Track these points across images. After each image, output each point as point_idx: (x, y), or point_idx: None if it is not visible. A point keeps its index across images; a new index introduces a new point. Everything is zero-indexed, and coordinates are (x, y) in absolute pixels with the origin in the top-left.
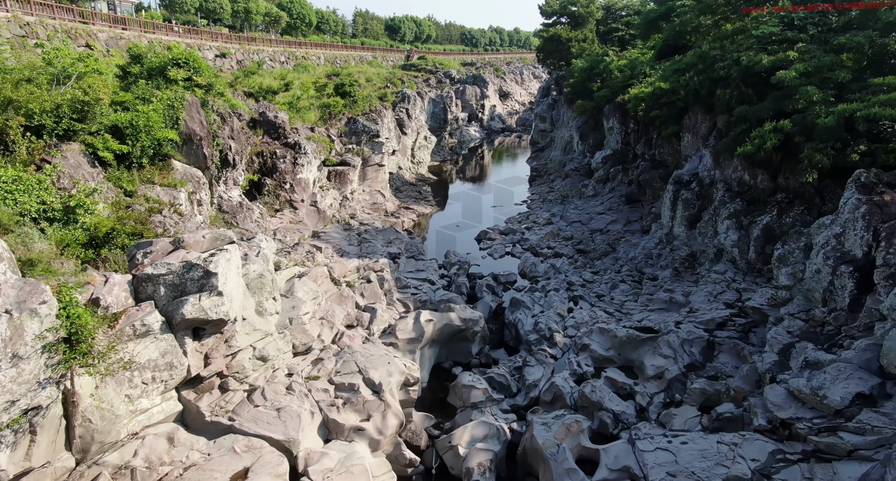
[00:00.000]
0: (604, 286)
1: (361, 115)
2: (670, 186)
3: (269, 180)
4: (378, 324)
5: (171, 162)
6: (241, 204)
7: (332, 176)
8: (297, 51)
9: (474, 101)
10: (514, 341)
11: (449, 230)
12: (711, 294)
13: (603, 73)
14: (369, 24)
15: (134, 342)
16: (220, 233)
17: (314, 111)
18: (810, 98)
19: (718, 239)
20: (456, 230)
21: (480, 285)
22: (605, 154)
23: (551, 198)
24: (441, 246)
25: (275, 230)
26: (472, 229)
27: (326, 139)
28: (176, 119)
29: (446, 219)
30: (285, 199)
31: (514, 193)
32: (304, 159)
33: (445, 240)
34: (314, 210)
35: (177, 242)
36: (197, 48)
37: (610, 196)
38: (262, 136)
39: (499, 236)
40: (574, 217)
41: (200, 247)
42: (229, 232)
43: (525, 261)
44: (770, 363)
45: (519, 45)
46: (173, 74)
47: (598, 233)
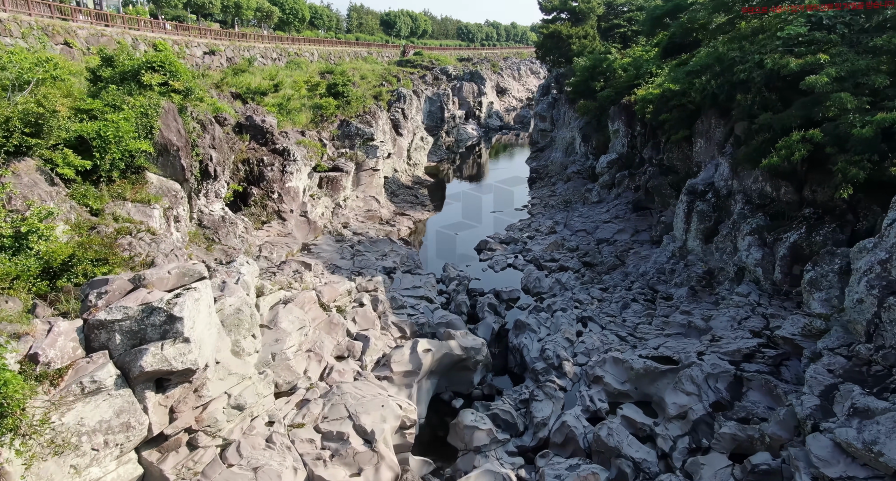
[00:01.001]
0: (614, 305)
1: (355, 117)
2: (684, 197)
3: (255, 190)
4: (371, 354)
5: (146, 175)
6: (224, 218)
7: (323, 182)
8: (290, 47)
9: (471, 99)
10: (519, 368)
11: (448, 230)
12: (734, 319)
13: (606, 71)
14: (364, 18)
15: (82, 402)
16: (188, 268)
17: (305, 112)
18: (843, 105)
19: (739, 256)
20: (456, 229)
21: (482, 304)
22: (611, 158)
23: (553, 204)
24: (441, 247)
25: (260, 245)
26: (471, 229)
27: (318, 143)
28: (150, 128)
29: (444, 221)
30: (273, 210)
31: (513, 193)
32: (294, 166)
33: (445, 240)
34: (304, 220)
35: (137, 280)
36: (185, 45)
37: (616, 203)
38: (248, 142)
39: (500, 246)
40: (579, 225)
41: (165, 284)
42: (199, 266)
43: (528, 276)
44: (811, 407)
45: (516, 40)
46: (147, 79)
47: (605, 243)
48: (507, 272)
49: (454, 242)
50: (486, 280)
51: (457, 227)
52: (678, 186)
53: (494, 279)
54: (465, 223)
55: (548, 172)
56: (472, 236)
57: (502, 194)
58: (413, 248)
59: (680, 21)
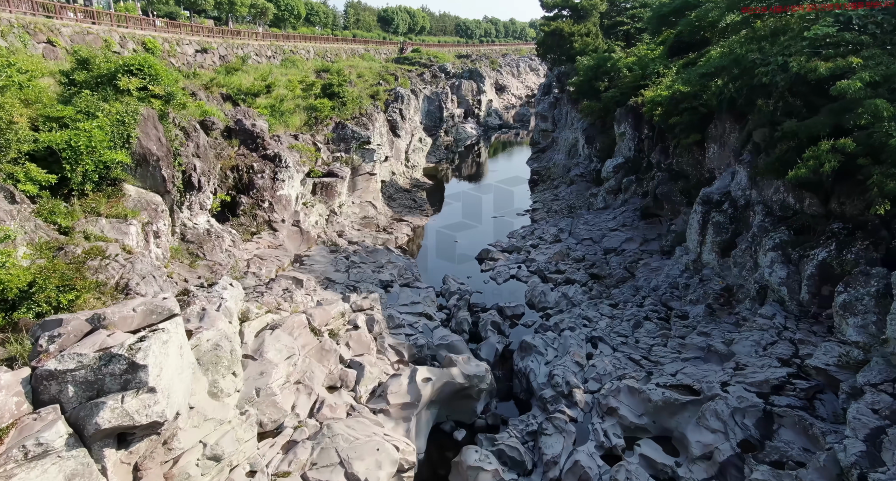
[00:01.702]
0: (625, 324)
1: (351, 120)
2: (698, 207)
3: (244, 198)
4: (366, 384)
5: (123, 187)
6: (209, 231)
7: (317, 188)
8: (285, 44)
9: (471, 97)
10: (526, 394)
11: (447, 230)
12: (759, 344)
13: (610, 71)
14: (361, 15)
15: (25, 469)
16: (156, 304)
17: (300, 114)
18: (878, 113)
19: (761, 273)
20: (455, 230)
21: (484, 322)
22: (617, 162)
23: (557, 209)
24: (441, 248)
25: (249, 260)
26: (471, 229)
27: (311, 148)
28: (127, 137)
29: (443, 224)
30: (263, 220)
31: (513, 194)
32: (286, 173)
33: (444, 239)
34: (296, 230)
35: (96, 320)
36: (175, 43)
37: (623, 209)
38: (237, 148)
39: (502, 255)
40: (584, 233)
41: (129, 324)
42: (170, 302)
43: (533, 289)
44: (856, 454)
45: (515, 36)
46: (123, 84)
47: (613, 253)
48: (511, 284)
49: (453, 247)
50: (489, 293)
51: (457, 228)
52: (689, 193)
53: (497, 292)
54: (465, 222)
55: (550, 175)
56: (472, 237)
57: (502, 195)
58: (411, 259)
59: (688, 19)
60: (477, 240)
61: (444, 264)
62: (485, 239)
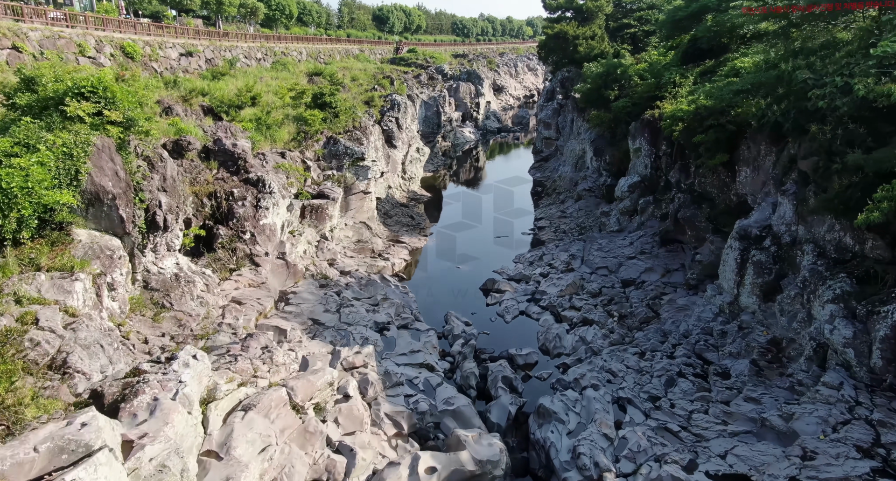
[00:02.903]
0: (656, 381)
1: (343, 133)
2: (735, 242)
3: (223, 229)
4: (358, 474)
5: (72, 231)
6: (178, 276)
7: (306, 211)
8: (276, 46)
9: (469, 100)
10: (545, 471)
11: (450, 230)
12: (826, 422)
13: (620, 78)
14: (356, 13)
15: None
16: (67, 439)
17: (288, 126)
18: None
19: (818, 328)
20: (457, 230)
21: (494, 376)
22: (632, 181)
23: (566, 228)
24: (440, 247)
25: (224, 306)
26: (472, 229)
27: (300, 167)
28: (76, 173)
29: (441, 250)
30: (244, 254)
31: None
32: (269, 200)
33: (445, 238)
34: (282, 264)
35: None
36: (158, 47)
37: (640, 233)
38: (216, 170)
39: (509, 286)
40: (599, 261)
41: (27, 472)
42: (88, 433)
43: (547, 331)
44: None
45: (512, 34)
46: (72, 109)
47: (632, 286)
48: (520, 321)
49: (455, 275)
50: (496, 334)
51: (458, 228)
52: (716, 219)
53: (505, 332)
54: (465, 223)
55: (555, 187)
56: (472, 236)
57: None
58: (409, 293)
59: (705, 25)
60: (478, 247)
61: (446, 295)
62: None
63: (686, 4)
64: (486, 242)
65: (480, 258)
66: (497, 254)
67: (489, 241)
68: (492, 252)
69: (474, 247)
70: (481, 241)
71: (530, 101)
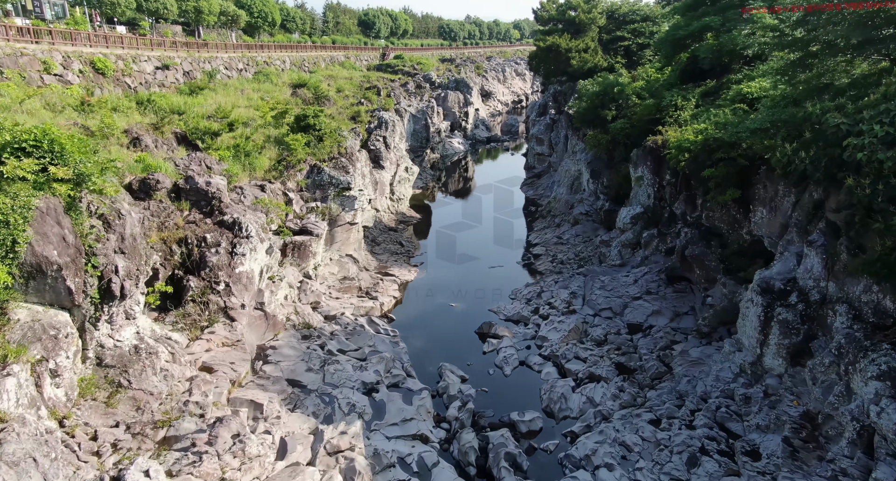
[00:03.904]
0: (676, 459)
1: (328, 161)
2: (756, 296)
3: (194, 281)
4: None
5: (8, 309)
6: (139, 348)
7: (288, 250)
8: (258, 55)
9: (457, 109)
10: None
11: (450, 230)
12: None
13: (617, 97)
14: (341, 18)
15: None
16: None
17: (269, 149)
18: None
19: (860, 407)
20: (457, 230)
21: (496, 452)
22: (635, 212)
23: (563, 259)
24: (440, 248)
25: (192, 379)
26: (471, 229)
27: (281, 202)
28: (13, 243)
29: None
30: (218, 308)
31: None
32: (247, 245)
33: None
34: (260, 315)
35: None
36: (131, 60)
37: (644, 270)
38: (188, 212)
39: (506, 330)
40: (602, 301)
41: None
42: None
43: (550, 389)
44: None
45: (499, 37)
46: (10, 169)
47: (640, 333)
48: (520, 373)
49: (449, 313)
50: (495, 389)
51: (456, 227)
52: (728, 260)
53: (505, 387)
54: (463, 224)
55: (550, 209)
56: (472, 237)
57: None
58: (400, 344)
59: (709, 45)
60: (472, 280)
61: (439, 340)
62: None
63: (686, 23)
64: (482, 271)
65: (472, 294)
66: (492, 277)
67: (484, 270)
68: (487, 276)
69: (467, 281)
70: (475, 273)
71: (518, 107)
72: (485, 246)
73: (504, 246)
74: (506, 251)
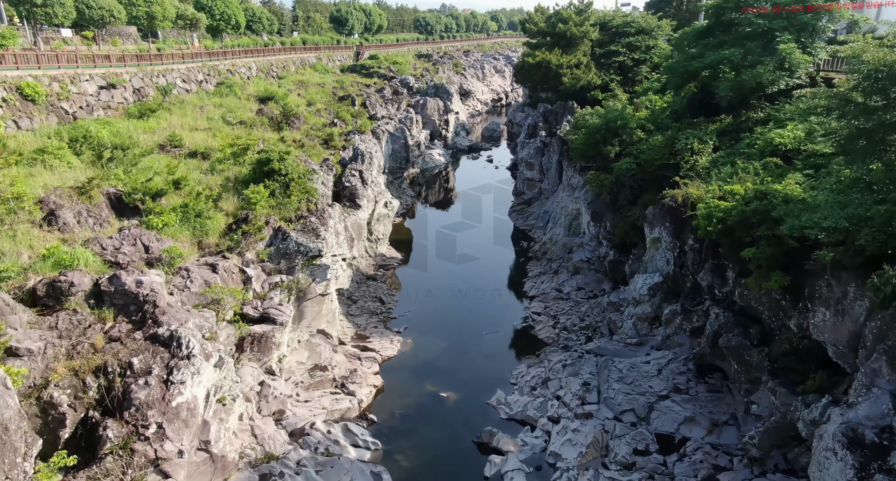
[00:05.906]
0: None
1: (296, 221)
2: (842, 449)
3: (113, 425)
4: None
5: None
6: None
7: (245, 344)
8: (221, 64)
9: (437, 116)
10: None
11: (449, 230)
12: None
13: (619, 130)
14: (312, 14)
15: None
16: None
17: (227, 200)
18: None
19: None
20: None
21: None
22: (653, 282)
23: (567, 324)
24: (440, 249)
25: None
26: (469, 230)
27: (237, 286)
28: None
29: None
30: (146, 459)
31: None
32: (187, 369)
33: (445, 239)
34: (205, 459)
35: None
36: (69, 81)
37: (668, 356)
38: (112, 322)
39: (510, 442)
40: (622, 398)
41: None
42: None
43: None
44: None
45: (476, 30)
46: None
47: (673, 452)
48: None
49: (439, 409)
50: None
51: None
52: (776, 360)
53: None
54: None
55: (546, 251)
56: (471, 237)
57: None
58: (383, 477)
59: (729, 80)
60: (462, 358)
61: (430, 457)
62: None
63: (700, 52)
64: (476, 338)
65: (466, 377)
66: (488, 348)
67: (477, 337)
68: (482, 345)
69: (461, 356)
70: (469, 340)
71: (498, 106)
72: (473, 284)
73: (493, 282)
74: (495, 289)
